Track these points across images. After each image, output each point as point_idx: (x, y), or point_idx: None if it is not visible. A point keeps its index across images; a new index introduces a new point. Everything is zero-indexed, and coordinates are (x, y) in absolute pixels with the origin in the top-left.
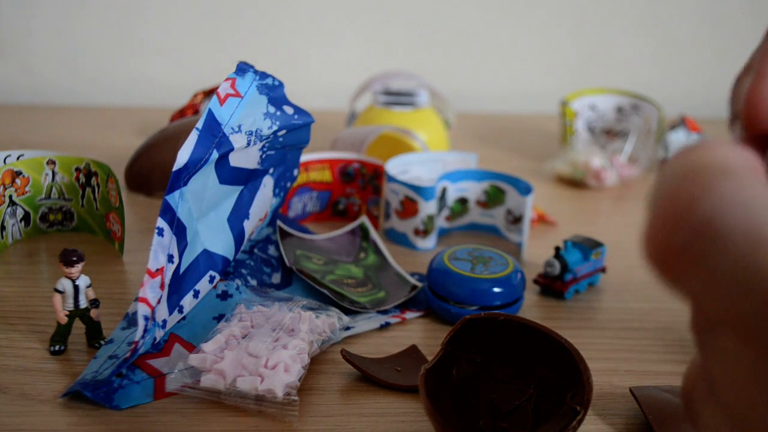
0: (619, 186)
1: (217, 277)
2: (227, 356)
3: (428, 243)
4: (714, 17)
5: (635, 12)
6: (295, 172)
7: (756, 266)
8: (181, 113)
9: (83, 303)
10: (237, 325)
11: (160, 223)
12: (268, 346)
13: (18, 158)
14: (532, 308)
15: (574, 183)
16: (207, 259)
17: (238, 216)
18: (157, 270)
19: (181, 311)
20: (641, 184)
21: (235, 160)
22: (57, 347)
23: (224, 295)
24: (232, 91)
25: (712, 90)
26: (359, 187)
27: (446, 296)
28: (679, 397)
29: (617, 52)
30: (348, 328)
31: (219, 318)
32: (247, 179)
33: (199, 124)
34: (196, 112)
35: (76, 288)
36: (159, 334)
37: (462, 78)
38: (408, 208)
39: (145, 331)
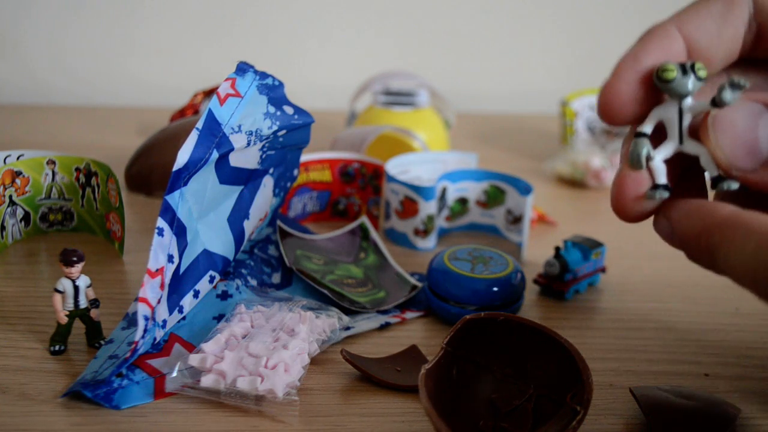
0: None
1: (217, 277)
2: (227, 356)
3: (428, 243)
4: None
5: (635, 12)
6: (295, 172)
7: None
8: (181, 113)
9: (83, 303)
10: (237, 325)
11: (160, 223)
12: (268, 346)
13: (18, 158)
14: (532, 308)
15: (574, 183)
16: (207, 259)
17: (238, 216)
18: (157, 270)
19: (181, 311)
20: None
21: (235, 160)
22: (57, 347)
23: (224, 295)
24: (232, 91)
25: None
26: (359, 187)
27: (446, 296)
28: None
29: (617, 52)
30: (348, 328)
31: (219, 318)
32: (247, 179)
33: (199, 124)
34: (196, 112)
35: (76, 288)
36: (159, 334)
37: (462, 78)
38: (408, 208)
39: (145, 331)
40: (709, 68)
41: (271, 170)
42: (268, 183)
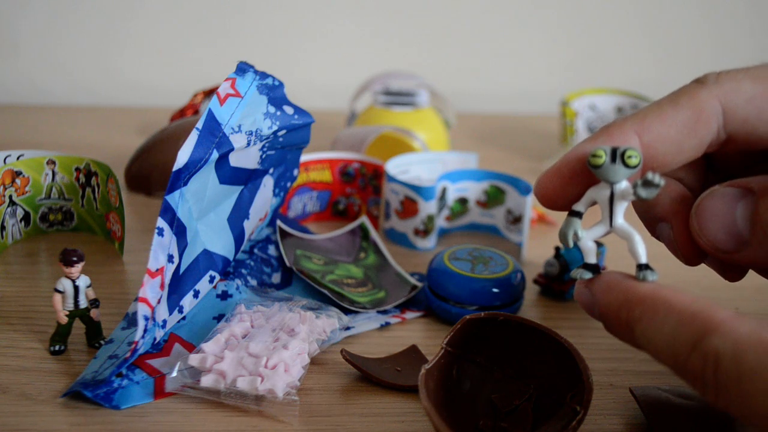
0: None
1: (217, 277)
2: (227, 356)
3: (428, 243)
4: (714, 17)
5: (635, 12)
6: (295, 172)
7: None
8: (181, 113)
9: (83, 303)
10: (237, 325)
11: (160, 223)
12: (268, 346)
13: (18, 158)
14: (532, 308)
15: None
16: (207, 259)
17: (238, 216)
18: (157, 270)
19: (181, 311)
20: None
21: (235, 160)
22: (57, 347)
23: (224, 295)
24: (232, 91)
25: None
26: (359, 187)
27: (446, 296)
28: None
29: (617, 52)
30: (348, 328)
31: (219, 318)
32: (247, 179)
33: (199, 124)
34: (196, 112)
35: (76, 288)
36: (159, 334)
37: (462, 78)
38: (408, 208)
39: (145, 331)
40: (663, 170)
41: (271, 170)
42: (268, 183)
